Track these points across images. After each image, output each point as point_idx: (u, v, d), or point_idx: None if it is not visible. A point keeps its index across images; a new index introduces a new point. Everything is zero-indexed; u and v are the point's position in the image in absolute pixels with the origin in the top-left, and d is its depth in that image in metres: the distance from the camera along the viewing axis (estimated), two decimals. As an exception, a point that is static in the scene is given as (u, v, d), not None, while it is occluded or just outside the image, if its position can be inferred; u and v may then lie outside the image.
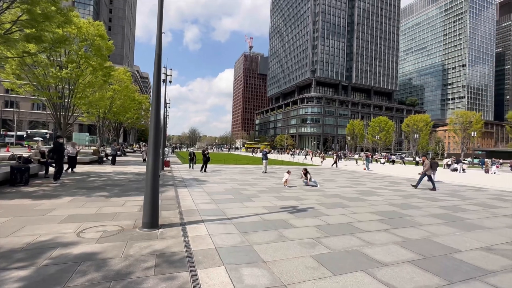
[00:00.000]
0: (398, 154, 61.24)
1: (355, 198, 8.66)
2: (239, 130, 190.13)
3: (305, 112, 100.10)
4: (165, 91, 15.51)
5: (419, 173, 12.33)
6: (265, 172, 16.11)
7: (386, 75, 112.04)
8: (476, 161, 50.42)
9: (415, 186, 11.80)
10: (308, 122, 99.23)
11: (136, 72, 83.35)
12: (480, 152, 77.42)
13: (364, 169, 22.60)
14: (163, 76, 15.21)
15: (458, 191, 11.38)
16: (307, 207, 6.95)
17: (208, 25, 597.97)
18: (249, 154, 56.71)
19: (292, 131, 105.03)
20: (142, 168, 15.42)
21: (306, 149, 78.73)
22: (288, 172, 10.88)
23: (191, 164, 17.18)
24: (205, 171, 15.23)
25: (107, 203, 6.42)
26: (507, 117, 67.61)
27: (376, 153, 63.72)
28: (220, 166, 20.42)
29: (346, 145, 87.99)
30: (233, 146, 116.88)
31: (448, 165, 27.70)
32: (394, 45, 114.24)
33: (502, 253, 4.12)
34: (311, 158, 35.58)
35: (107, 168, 14.84)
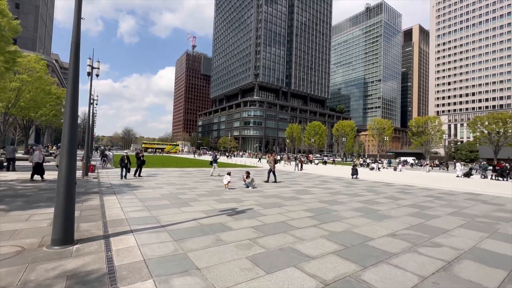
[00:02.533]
0: (328, 155, 68.33)
1: (291, 197, 9.22)
2: (180, 131, 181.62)
3: (248, 115, 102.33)
4: (91, 85, 13.59)
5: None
6: (217, 175, 15.95)
7: (320, 84, 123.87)
8: (395, 161, 60.22)
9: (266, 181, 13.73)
10: (251, 125, 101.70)
11: (54, 62, 71.07)
12: (390, 153, 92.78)
13: (301, 169, 24.36)
14: (88, 69, 13.32)
15: (374, 187, 13.32)
16: (246, 208, 7.05)
17: (146, 18, 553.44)
18: (191, 156, 54.77)
19: (236, 133, 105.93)
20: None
21: (285, 153, 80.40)
22: (229, 174, 10.87)
23: (123, 173, 12.71)
24: (139, 175, 13.95)
25: (4, 219, 5.21)
26: (409, 124, 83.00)
27: (310, 154, 69.63)
28: (158, 169, 19.05)
29: (286, 147, 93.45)
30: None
31: (367, 164, 32.25)
32: (326, 58, 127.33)
33: (403, 238, 4.97)
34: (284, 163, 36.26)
35: (8, 175, 12.12)
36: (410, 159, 53.13)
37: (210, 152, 78.31)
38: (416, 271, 3.48)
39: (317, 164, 37.76)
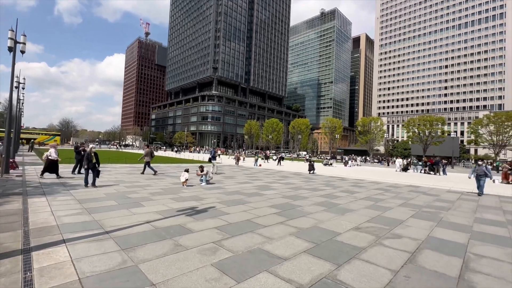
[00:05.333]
0: (284, 152, 70.70)
1: (254, 193, 8.92)
2: (131, 124, 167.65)
3: (206, 110, 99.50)
4: (13, 64, 11.11)
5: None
6: (214, 173, 15.06)
7: (278, 82, 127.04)
8: (360, 158, 64.90)
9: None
10: (209, 120, 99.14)
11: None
12: (340, 150, 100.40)
13: (260, 165, 24.43)
14: (10, 43, 10.88)
15: (331, 181, 13.91)
16: (208, 207, 6.48)
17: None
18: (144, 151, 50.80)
19: (193, 128, 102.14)
20: (-33, 172, 10.55)
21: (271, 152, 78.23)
22: (187, 170, 10.06)
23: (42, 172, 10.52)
24: (79, 172, 12.08)
25: None
26: (356, 124, 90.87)
27: (267, 150, 71.08)
28: (104, 165, 16.87)
29: (244, 143, 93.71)
30: (123, 143, 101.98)
31: (346, 161, 34.04)
32: (284, 57, 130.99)
33: (367, 231, 5.04)
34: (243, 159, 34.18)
35: None
36: (358, 159, 58.15)
37: (206, 148, 74.03)
38: (387, 265, 3.45)
39: (275, 160, 38.54)
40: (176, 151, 54.62)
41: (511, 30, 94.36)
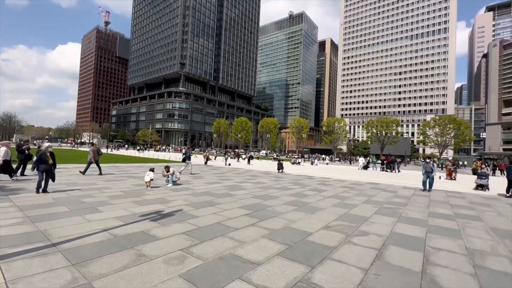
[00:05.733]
0: (253, 150, 71.13)
1: (224, 194, 8.66)
2: (88, 121, 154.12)
3: (172, 107, 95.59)
4: None
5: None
6: (189, 173, 14.59)
7: (247, 81, 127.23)
8: (327, 158, 67.22)
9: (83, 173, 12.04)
10: (175, 117, 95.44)
11: None
12: (306, 149, 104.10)
13: (229, 164, 24.12)
14: None
15: (299, 180, 14.21)
16: (175, 210, 6.08)
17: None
18: (104, 150, 46.98)
19: (158, 126, 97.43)
20: None
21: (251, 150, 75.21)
22: (152, 170, 9.41)
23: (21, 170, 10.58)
24: (22, 174, 10.60)
25: None
26: (321, 124, 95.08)
27: (237, 149, 70.89)
28: (53, 166, 15.10)
29: (213, 142, 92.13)
30: (78, 141, 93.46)
31: (323, 159, 34.84)
32: (254, 57, 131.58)
33: (336, 229, 5.14)
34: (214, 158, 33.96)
35: None
36: (326, 158, 60.80)
37: (178, 147, 69.64)
38: (358, 264, 3.51)
39: (244, 159, 38.48)
40: (139, 150, 51.55)
41: (453, 45, 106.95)
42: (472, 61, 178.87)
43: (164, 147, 69.11)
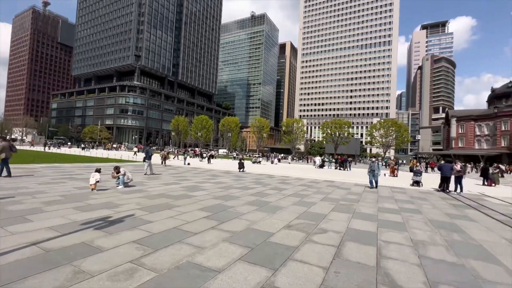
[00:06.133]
0: (214, 149, 69.92)
1: (182, 195, 8.17)
2: (20, 113, 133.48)
3: (126, 102, 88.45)
4: None
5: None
6: (151, 174, 13.56)
7: (209, 79, 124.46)
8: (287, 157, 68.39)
9: None
10: (129, 113, 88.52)
11: None
12: (266, 148, 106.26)
13: (188, 164, 23.17)
14: None
15: (260, 179, 14.27)
16: (125, 215, 5.47)
17: None
18: (41, 148, 41.01)
19: (109, 122, 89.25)
20: None
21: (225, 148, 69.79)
22: (98, 171, 8.40)
23: None
24: None
25: None
26: (281, 124, 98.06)
27: (197, 148, 68.87)
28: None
29: (171, 140, 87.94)
30: (8, 137, 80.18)
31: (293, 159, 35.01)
32: (215, 54, 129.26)
33: (297, 228, 5.19)
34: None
35: None
36: (289, 157, 62.62)
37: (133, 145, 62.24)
38: (319, 263, 3.54)
39: (205, 157, 37.45)
40: (83, 148, 46.37)
41: (395, 56, 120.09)
42: (410, 72, 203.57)
43: (116, 145, 63.39)
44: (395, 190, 12.54)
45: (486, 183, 17.07)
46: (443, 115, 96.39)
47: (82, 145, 50.62)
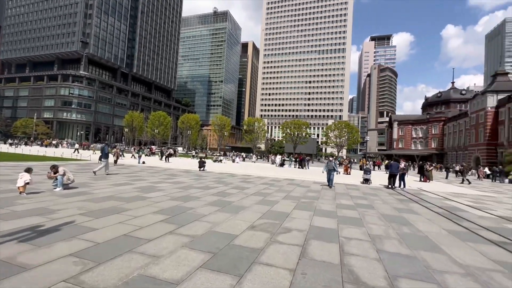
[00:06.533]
0: (172, 147, 66.71)
1: (135, 197, 7.39)
2: None
3: (70, 93, 78.85)
4: None
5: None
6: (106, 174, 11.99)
7: (167, 73, 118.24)
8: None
9: None
10: (74, 106, 79.11)
11: None
12: (228, 147, 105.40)
13: (143, 162, 21.51)
14: None
15: (221, 178, 13.87)
16: (62, 222, 4.65)
17: None
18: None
19: (48, 115, 78.57)
20: None
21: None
22: (28, 170, 7.10)
23: None
24: None
25: None
26: (243, 123, 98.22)
27: (153, 146, 64.92)
28: None
29: (124, 137, 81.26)
30: None
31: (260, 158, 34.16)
32: (175, 48, 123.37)
33: (262, 228, 5.02)
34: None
35: None
36: (253, 156, 62.67)
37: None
38: (285, 265, 3.40)
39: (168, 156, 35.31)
40: (11, 144, 39.84)
41: (348, 63, 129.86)
42: (360, 78, 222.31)
43: (56, 141, 55.82)
44: (350, 187, 13.36)
45: (422, 179, 19.37)
46: (387, 119, 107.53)
47: (10, 141, 43.46)
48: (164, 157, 26.99)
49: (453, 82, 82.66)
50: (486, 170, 28.34)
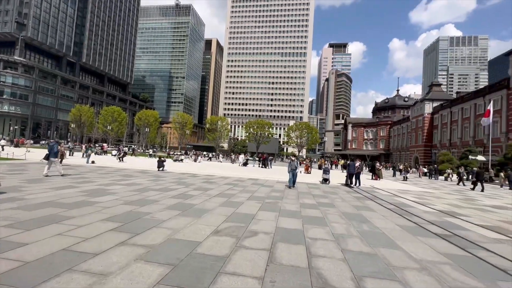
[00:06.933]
0: (127, 146, 61.96)
1: (80, 202, 6.47)
2: None
3: (2, 82, 67.71)
4: None
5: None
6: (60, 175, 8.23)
7: (123, 65, 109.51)
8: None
9: None
10: (6, 97, 68.22)
11: None
12: (189, 146, 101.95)
13: (93, 162, 19.40)
14: None
15: (182, 179, 13.15)
16: (-22, 238, 3.75)
17: None
18: None
19: (-31, 106, 66.32)
20: None
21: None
22: None
23: None
24: None
25: None
26: (206, 121, 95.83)
27: (105, 144, 59.51)
28: None
29: (70, 133, 72.83)
30: None
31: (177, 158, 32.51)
32: (132, 39, 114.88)
33: (227, 233, 4.75)
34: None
35: None
36: (220, 155, 61.05)
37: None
38: (253, 273, 3.20)
39: (114, 156, 32.38)
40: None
41: (309, 67, 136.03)
42: (320, 82, 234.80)
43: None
44: (311, 186, 13.80)
45: (373, 177, 21.05)
46: (343, 121, 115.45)
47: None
48: (117, 156, 24.77)
49: (398, 90, 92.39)
50: (424, 169, 32.13)
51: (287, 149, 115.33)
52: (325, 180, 16.05)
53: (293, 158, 13.52)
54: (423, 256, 4.18)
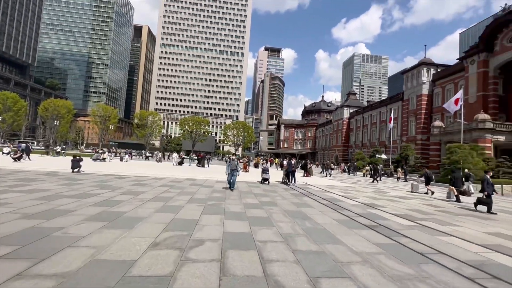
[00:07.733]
0: (30, 142, 50.32)
1: None
2: None
3: None
4: None
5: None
6: None
7: (22, 42, 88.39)
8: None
9: None
10: None
11: None
12: (113, 143, 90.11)
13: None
14: None
15: (106, 181, 11.26)
16: None
17: None
18: None
19: None
20: None
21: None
22: None
23: None
24: None
25: None
26: (134, 116, 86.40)
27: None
28: None
29: None
30: None
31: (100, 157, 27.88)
32: (36, 11, 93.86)
33: (168, 245, 4.09)
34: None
35: None
36: (156, 153, 55.04)
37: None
38: (206, 292, 2.77)
39: (7, 153, 25.53)
40: None
41: (245, 68, 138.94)
42: (255, 83, 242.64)
43: None
44: (251, 184, 13.87)
45: (305, 174, 22.82)
46: (276, 122, 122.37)
47: None
48: (13, 155, 19.64)
49: (323, 96, 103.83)
50: (345, 166, 36.85)
51: (223, 147, 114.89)
52: (265, 180, 16.36)
53: (233, 157, 12.52)
54: (362, 248, 4.52)
